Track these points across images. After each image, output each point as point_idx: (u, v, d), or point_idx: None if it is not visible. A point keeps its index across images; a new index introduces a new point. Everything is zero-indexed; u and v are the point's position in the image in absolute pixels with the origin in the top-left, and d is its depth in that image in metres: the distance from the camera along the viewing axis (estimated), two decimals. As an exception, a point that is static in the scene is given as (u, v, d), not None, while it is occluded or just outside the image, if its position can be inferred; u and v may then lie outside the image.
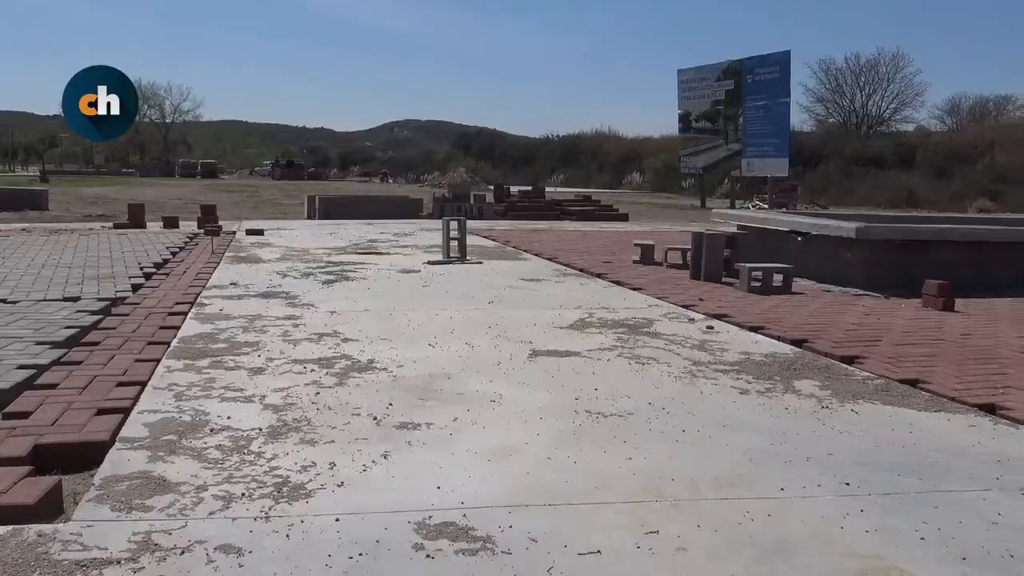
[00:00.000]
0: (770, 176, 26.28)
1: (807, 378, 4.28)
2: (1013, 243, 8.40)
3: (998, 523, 2.55)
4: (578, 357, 4.64)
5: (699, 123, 30.11)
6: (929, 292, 6.71)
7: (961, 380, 4.24)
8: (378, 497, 2.62)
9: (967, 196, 31.11)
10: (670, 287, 7.46)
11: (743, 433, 3.35)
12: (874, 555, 2.32)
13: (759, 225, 9.49)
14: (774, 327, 5.55)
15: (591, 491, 2.72)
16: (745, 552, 2.32)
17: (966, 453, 3.20)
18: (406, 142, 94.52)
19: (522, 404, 3.68)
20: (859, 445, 3.26)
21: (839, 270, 7.96)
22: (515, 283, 7.66)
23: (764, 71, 26.60)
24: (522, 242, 11.86)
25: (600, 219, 19.18)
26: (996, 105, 49.40)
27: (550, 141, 57.23)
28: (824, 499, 2.71)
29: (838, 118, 50.25)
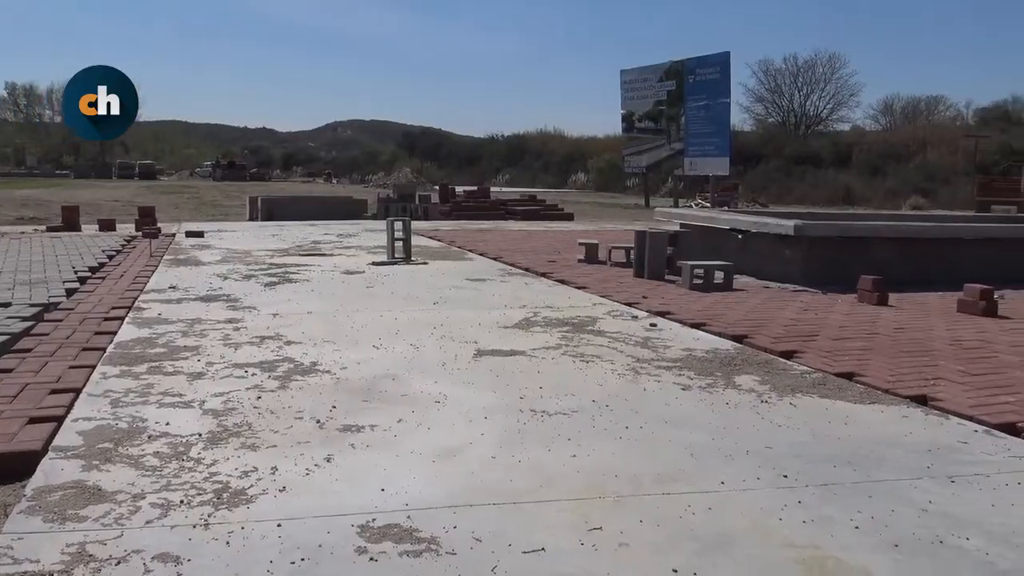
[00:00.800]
0: (712, 175, 26.70)
1: (747, 373, 4.36)
2: (943, 239, 8.67)
3: (928, 511, 2.63)
4: (523, 356, 4.65)
5: (642, 123, 30.44)
6: (864, 287, 6.89)
7: (894, 373, 4.37)
8: (321, 501, 2.59)
9: (901, 194, 32.01)
10: (614, 285, 7.53)
11: (685, 429, 3.40)
12: (811, 545, 2.37)
13: (701, 223, 9.63)
14: (715, 323, 5.64)
15: (536, 489, 2.74)
16: (687, 546, 2.35)
17: (899, 444, 3.29)
18: (350, 142, 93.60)
19: (467, 404, 3.68)
20: (797, 438, 3.33)
21: (778, 267, 8.13)
22: (460, 283, 7.65)
23: (705, 72, 27.01)
24: (467, 242, 11.85)
25: (545, 218, 19.27)
26: (927, 105, 50.93)
27: (495, 141, 57.34)
28: (763, 491, 2.76)
29: (777, 118, 51.30)
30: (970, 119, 46.57)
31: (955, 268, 8.09)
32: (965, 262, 8.28)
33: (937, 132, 41.25)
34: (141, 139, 61.88)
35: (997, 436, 3.41)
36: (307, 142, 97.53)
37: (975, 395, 3.95)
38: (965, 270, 7.87)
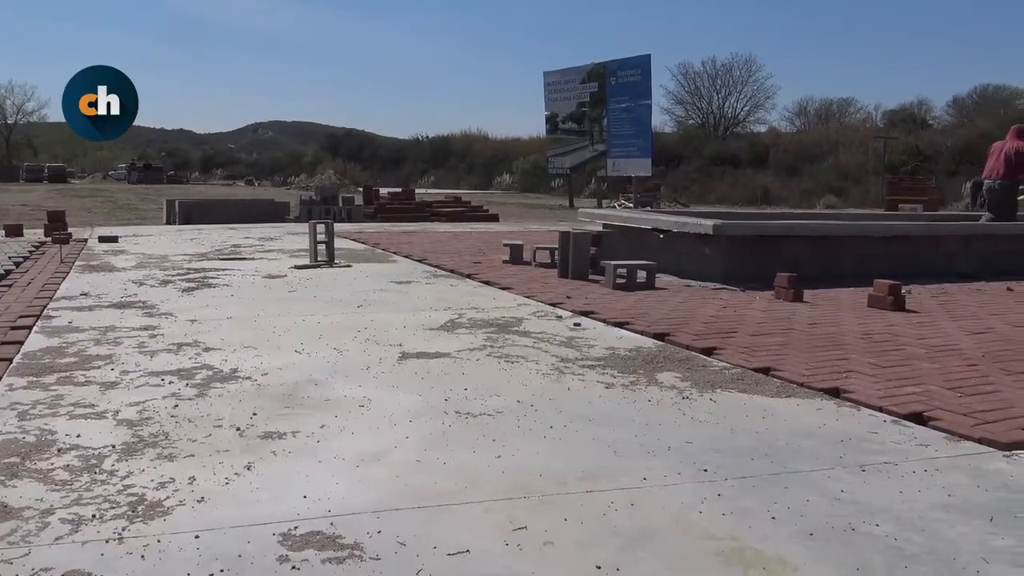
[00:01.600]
0: (634, 176, 27.10)
1: (669, 370, 4.44)
2: (854, 237, 8.99)
3: (841, 499, 2.72)
4: (448, 358, 4.64)
5: (566, 124, 30.72)
6: (780, 284, 7.09)
7: (809, 366, 4.50)
8: (241, 510, 2.54)
9: (816, 193, 33.08)
10: (539, 286, 7.58)
11: (608, 426, 3.44)
12: (730, 537, 2.43)
13: (623, 224, 9.77)
14: (638, 322, 5.73)
15: (460, 491, 2.73)
16: (610, 542, 2.38)
17: (813, 435, 3.40)
18: (271, 143, 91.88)
19: (391, 407, 3.66)
20: (717, 432, 3.41)
21: (699, 265, 8.30)
22: (385, 286, 7.59)
23: (626, 74, 27.41)
24: (392, 244, 11.77)
25: (470, 220, 19.27)
26: (839, 107, 52.72)
27: (420, 142, 57.08)
28: (684, 486, 2.82)
29: (697, 120, 52.43)
30: (879, 121, 48.40)
31: (866, 264, 8.40)
32: (875, 258, 8.61)
33: (848, 133, 42.72)
34: (50, 140, 59.64)
35: (904, 425, 3.55)
36: (227, 144, 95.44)
37: (884, 386, 4.10)
38: (875, 266, 8.18)
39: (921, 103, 50.29)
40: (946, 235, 9.63)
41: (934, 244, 9.35)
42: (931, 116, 48.66)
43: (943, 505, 2.69)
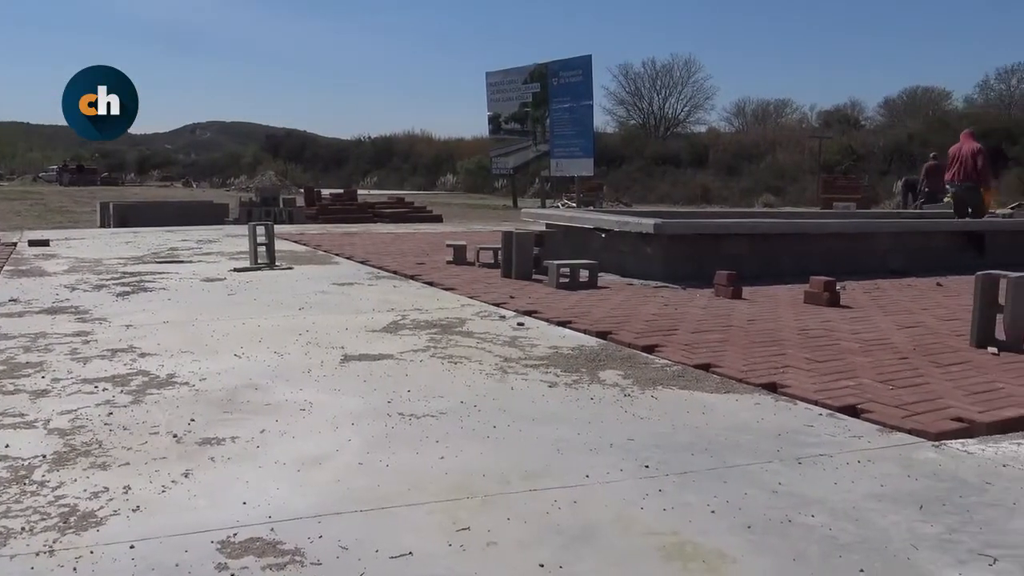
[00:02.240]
0: (577, 176, 27.28)
1: (611, 368, 4.48)
2: (791, 234, 9.19)
3: (778, 492, 2.78)
4: (391, 360, 4.61)
5: (509, 125, 30.78)
6: (720, 282, 7.21)
7: (748, 362, 4.59)
8: (178, 518, 2.49)
9: (754, 192, 33.73)
10: (482, 286, 7.58)
11: (551, 425, 3.46)
12: (670, 531, 2.46)
13: (566, 223, 9.82)
14: (581, 321, 5.77)
15: (403, 493, 2.72)
16: (553, 540, 2.40)
17: (751, 429, 3.46)
18: (210, 144, 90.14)
19: (333, 410, 3.62)
20: (658, 429, 3.45)
21: (640, 264, 8.39)
22: (327, 288, 7.52)
23: (568, 75, 27.57)
24: (334, 246, 11.65)
25: (414, 221, 19.18)
26: (776, 108, 53.79)
27: (362, 143, 56.61)
28: (625, 483, 2.85)
29: (638, 120, 53.03)
30: (814, 121, 49.54)
31: (802, 261, 8.58)
32: (811, 256, 8.80)
33: (785, 133, 43.66)
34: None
35: (839, 418, 3.64)
36: (164, 144, 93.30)
37: (819, 381, 4.20)
38: (811, 263, 8.36)
39: (854, 104, 51.68)
40: (878, 232, 9.91)
41: (867, 241, 9.61)
42: (863, 117, 50.04)
43: (875, 495, 2.77)
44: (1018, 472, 3.00)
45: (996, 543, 2.41)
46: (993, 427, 3.51)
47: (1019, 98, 44.71)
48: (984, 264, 6.44)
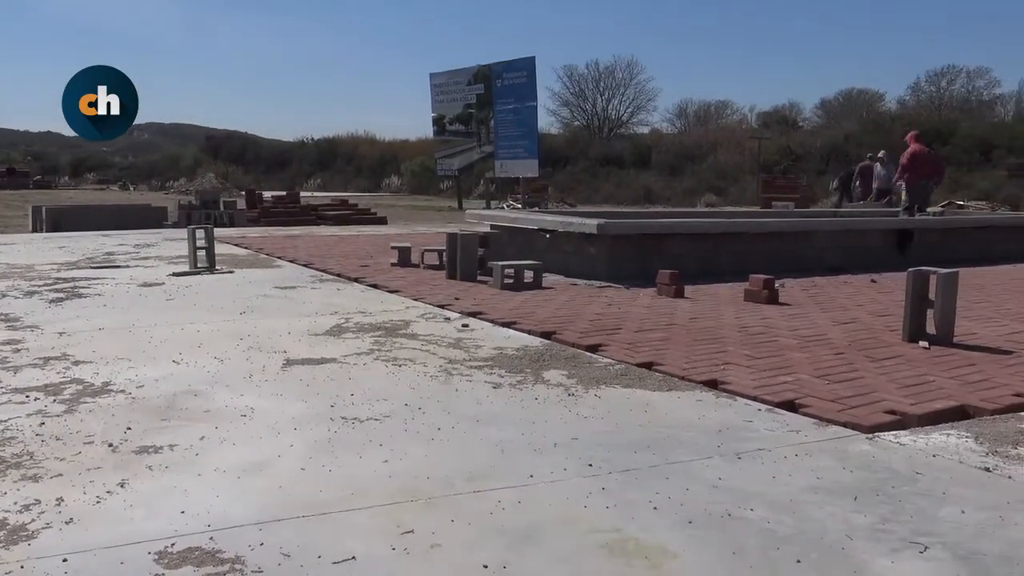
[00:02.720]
0: (522, 177, 27.34)
1: (555, 368, 4.50)
2: (731, 234, 9.36)
3: (719, 487, 2.83)
4: (334, 363, 4.57)
5: (453, 126, 30.68)
6: (662, 281, 7.29)
7: (689, 360, 4.65)
8: (113, 530, 2.43)
9: (697, 192, 34.21)
10: (427, 288, 7.55)
11: (496, 426, 3.47)
12: (613, 529, 2.48)
13: (510, 224, 9.85)
14: (525, 321, 5.79)
15: (347, 498, 2.70)
16: (497, 541, 2.40)
17: (693, 426, 3.51)
18: (148, 146, 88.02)
19: (275, 416, 3.57)
20: (601, 427, 3.48)
21: (584, 264, 8.45)
22: (269, 291, 7.41)
23: (512, 76, 27.59)
24: (276, 249, 11.50)
25: (358, 223, 19.03)
26: (717, 109, 54.63)
27: (305, 144, 55.88)
28: (569, 482, 2.87)
29: (582, 121, 53.36)
30: (754, 122, 50.44)
31: (743, 260, 8.74)
32: (751, 254, 8.97)
33: (726, 134, 44.35)
34: (-102, 144, 55.49)
35: (777, 413, 3.71)
36: (100, 146, 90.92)
37: (759, 377, 4.28)
38: (751, 262, 8.52)
39: (792, 105, 52.79)
40: (815, 231, 10.14)
41: (805, 240, 9.83)
42: (801, 118, 51.12)
43: (812, 487, 2.83)
44: (947, 462, 3.10)
45: (926, 531, 2.49)
46: (924, 419, 3.62)
47: (948, 99, 46.16)
48: (915, 261, 6.64)
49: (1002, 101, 45.88)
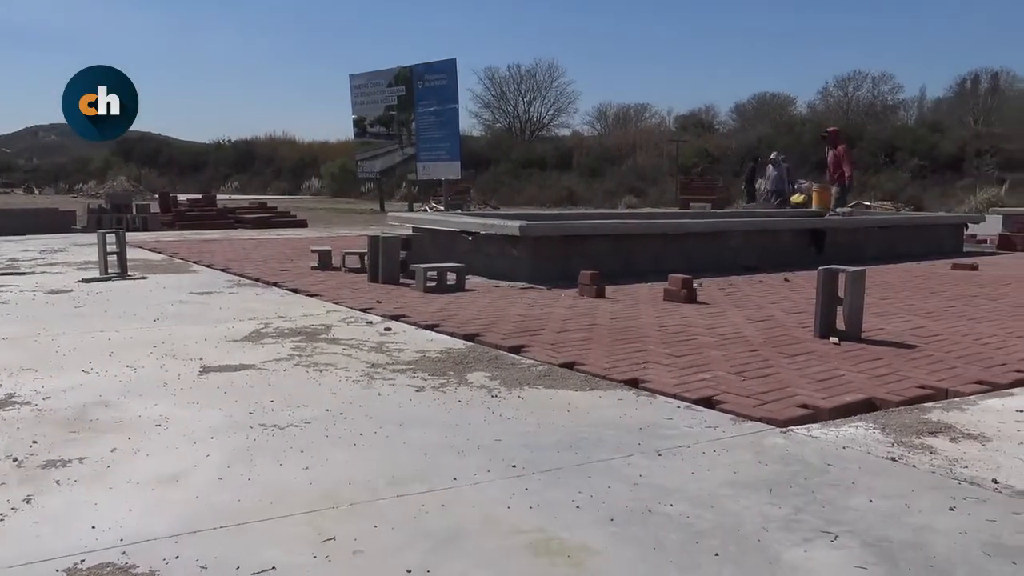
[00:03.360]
0: (444, 179, 27.27)
1: (479, 370, 4.50)
2: (650, 234, 9.52)
3: (639, 484, 2.87)
4: (253, 370, 4.48)
5: (374, 128, 30.39)
6: (584, 282, 7.38)
7: (611, 359, 4.72)
8: (18, 548, 2.33)
9: (617, 194, 34.68)
10: (348, 291, 7.47)
11: (419, 429, 3.45)
12: (537, 529, 2.50)
13: (433, 227, 9.81)
14: (449, 324, 5.78)
15: (266, 507, 2.65)
16: (421, 544, 2.39)
17: (614, 425, 3.56)
18: (54, 148, 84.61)
19: (191, 425, 3.48)
20: (524, 428, 3.50)
21: (507, 266, 8.48)
22: (184, 297, 7.22)
23: (433, 78, 27.50)
24: (192, 253, 11.20)
25: (277, 226, 18.69)
26: (636, 112, 55.46)
27: (222, 146, 54.55)
28: (493, 483, 2.87)
29: (504, 123, 53.51)
30: (672, 125, 51.39)
31: (662, 260, 8.91)
32: (670, 254, 9.15)
33: (645, 136, 45.09)
34: None
35: (696, 410, 3.79)
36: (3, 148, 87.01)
37: (678, 375, 4.37)
38: (670, 262, 8.69)
39: (708, 108, 53.96)
40: (730, 231, 10.40)
41: (721, 240, 10.07)
42: (717, 121, 52.34)
43: (729, 482, 2.90)
44: (856, 453, 3.22)
45: (837, 520, 2.58)
46: (835, 412, 3.75)
47: (855, 104, 47.92)
48: (825, 260, 6.87)
49: (905, 106, 47.93)
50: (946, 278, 9.24)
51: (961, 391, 4.12)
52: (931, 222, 14.48)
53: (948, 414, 3.74)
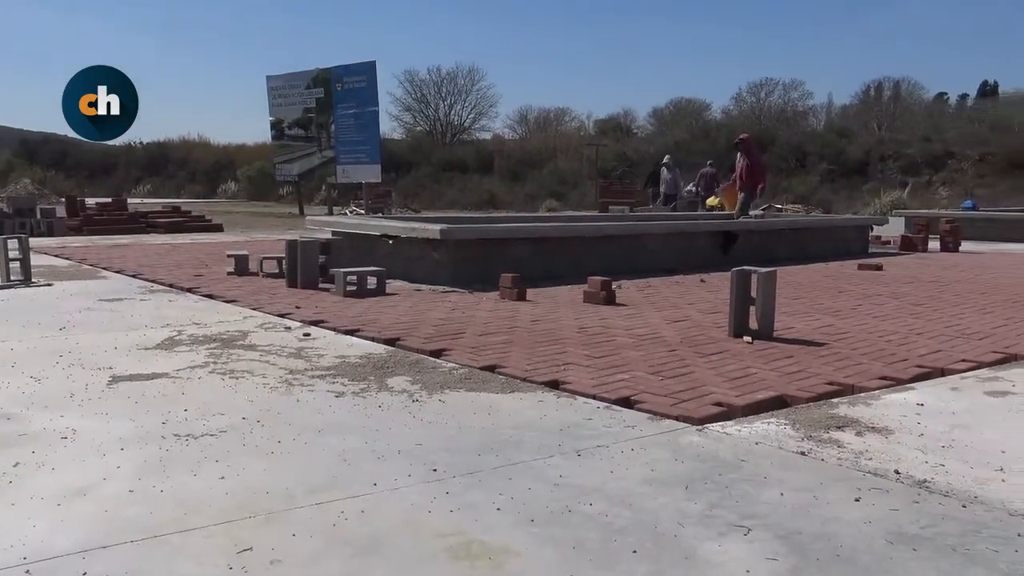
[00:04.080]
0: (364, 182, 27.02)
1: (399, 375, 4.48)
2: (570, 237, 9.62)
3: (560, 484, 2.90)
4: (166, 378, 4.36)
5: (292, 130, 29.91)
6: (505, 285, 7.41)
7: (531, 362, 4.75)
8: (-88, 570, 2.22)
9: (538, 197, 34.91)
10: (266, 297, 7.33)
11: (339, 436, 3.41)
12: (457, 532, 2.50)
13: (353, 230, 9.71)
14: (369, 328, 5.73)
15: (180, 519, 2.58)
16: (340, 552, 2.36)
17: (535, 426, 3.59)
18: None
19: (100, 437, 3.37)
20: (445, 432, 3.49)
21: (428, 269, 8.46)
22: (93, 304, 6.97)
23: (352, 80, 27.22)
24: (101, 259, 10.83)
25: (192, 230, 18.21)
26: (556, 116, 55.90)
27: (133, 148, 52.79)
28: (414, 488, 2.86)
29: (425, 127, 53.24)
30: (591, 129, 51.98)
31: (581, 263, 9.01)
32: (589, 257, 9.27)
33: (565, 140, 45.49)
34: None
35: (615, 410, 3.85)
36: None
37: (597, 376, 4.43)
38: (590, 264, 8.81)
39: (626, 113, 54.76)
40: (648, 234, 10.60)
41: (639, 242, 10.25)
42: (635, 125, 53.17)
43: (647, 480, 2.96)
44: (768, 449, 3.32)
45: (750, 514, 2.65)
46: (748, 409, 3.86)
47: (767, 109, 49.34)
48: (739, 261, 7.06)
49: (814, 112, 49.52)
50: (853, 278, 9.61)
51: (866, 387, 4.29)
52: (839, 224, 15.03)
53: (854, 409, 3.89)
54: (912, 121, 40.73)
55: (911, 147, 33.97)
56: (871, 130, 40.83)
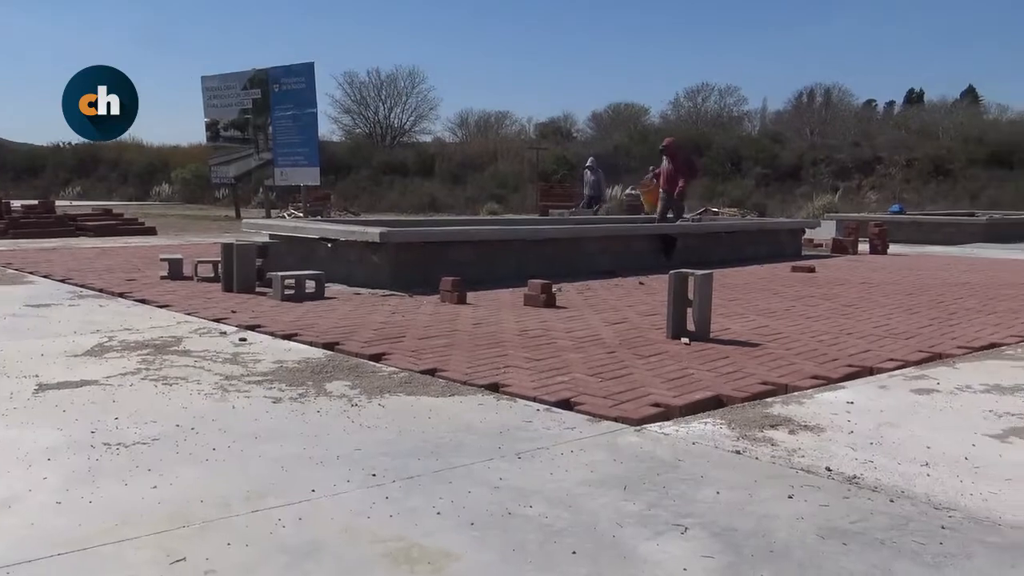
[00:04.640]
0: (303, 185, 26.69)
1: (338, 379, 4.43)
2: (511, 240, 9.65)
3: (499, 487, 2.91)
4: (96, 386, 4.24)
5: (228, 132, 29.38)
6: (445, 288, 7.39)
7: (471, 365, 4.75)
8: None
9: (479, 200, 34.90)
10: (201, 301, 7.19)
11: (276, 442, 3.36)
12: (397, 537, 2.49)
13: (290, 234, 9.59)
14: (307, 333, 5.66)
15: (111, 530, 2.51)
16: (277, 560, 2.33)
17: (475, 430, 3.59)
18: None
19: (25, 447, 3.26)
20: (385, 436, 3.47)
21: (368, 273, 8.39)
22: (18, 310, 6.74)
23: (290, 81, 26.87)
24: (28, 263, 10.48)
25: (123, 234, 17.75)
26: (497, 120, 55.98)
27: (61, 149, 51.23)
28: (353, 493, 2.84)
29: (364, 129, 52.79)
30: (532, 133, 52.21)
31: (522, 266, 9.05)
32: (529, 260, 9.31)
33: (506, 144, 45.58)
34: None
35: (555, 412, 3.87)
36: None
37: (538, 378, 4.45)
38: (531, 267, 8.85)
39: (566, 117, 55.12)
40: (586, 237, 10.68)
41: (578, 245, 10.33)
42: (575, 129, 53.55)
43: (586, 481, 2.98)
44: (704, 448, 3.37)
45: (687, 513, 2.69)
46: (685, 409, 3.92)
47: (704, 114, 50.19)
48: (676, 263, 7.17)
49: (749, 117, 50.53)
50: (787, 280, 9.83)
51: (799, 386, 4.39)
52: (773, 227, 15.34)
53: (787, 408, 3.98)
54: (842, 127, 41.89)
55: (842, 152, 34.94)
56: (803, 135, 41.84)
